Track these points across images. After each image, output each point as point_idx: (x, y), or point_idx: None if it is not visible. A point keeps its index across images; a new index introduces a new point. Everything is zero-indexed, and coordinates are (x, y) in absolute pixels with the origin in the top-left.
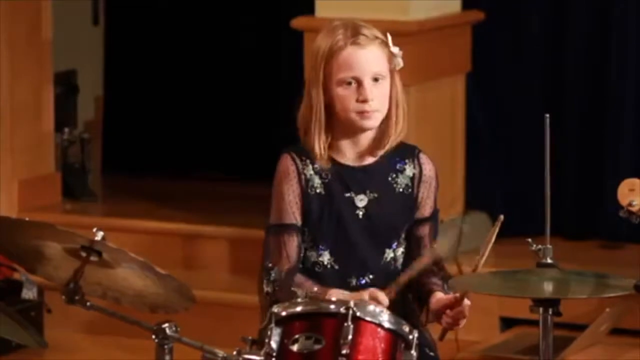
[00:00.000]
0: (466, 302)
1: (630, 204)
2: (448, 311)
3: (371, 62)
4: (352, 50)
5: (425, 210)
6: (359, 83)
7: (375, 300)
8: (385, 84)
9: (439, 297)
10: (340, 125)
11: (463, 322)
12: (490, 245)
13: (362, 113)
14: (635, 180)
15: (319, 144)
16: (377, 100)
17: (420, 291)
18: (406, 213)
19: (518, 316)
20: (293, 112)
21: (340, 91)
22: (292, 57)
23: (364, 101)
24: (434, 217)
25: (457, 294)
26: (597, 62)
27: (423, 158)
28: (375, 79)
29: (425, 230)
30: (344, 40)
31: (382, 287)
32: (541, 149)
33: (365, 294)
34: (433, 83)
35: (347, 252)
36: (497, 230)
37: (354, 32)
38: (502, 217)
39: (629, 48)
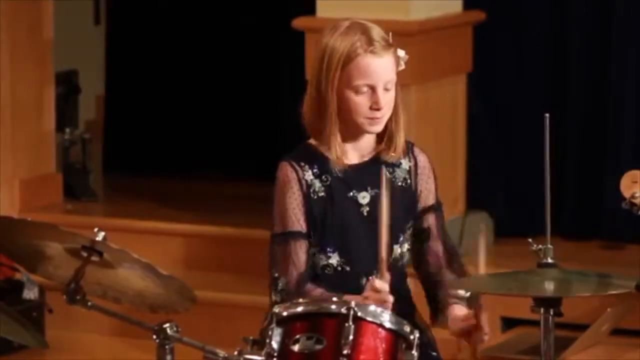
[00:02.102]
0: (484, 318)
1: (633, 196)
2: (470, 335)
3: (386, 71)
4: (370, 59)
5: (428, 199)
6: (373, 90)
7: (375, 289)
8: (393, 91)
9: (456, 315)
10: (345, 128)
11: (486, 337)
12: (482, 255)
13: (372, 119)
14: (638, 173)
15: (336, 147)
16: (387, 107)
17: (436, 302)
18: (408, 207)
19: (519, 316)
20: (294, 113)
21: (353, 96)
22: (292, 57)
23: (377, 109)
24: (438, 207)
25: (472, 313)
26: (597, 62)
27: (416, 150)
28: (387, 87)
29: (431, 219)
30: (361, 47)
31: (390, 285)
32: (542, 148)
33: (366, 292)
34: (434, 83)
35: (355, 252)
36: (483, 241)
37: (368, 38)
38: (482, 225)
39: (630, 47)
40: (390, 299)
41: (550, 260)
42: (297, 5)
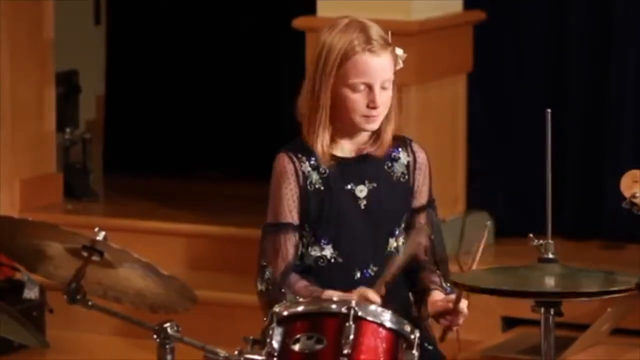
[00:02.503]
0: (463, 303)
1: (633, 196)
2: (447, 316)
3: (383, 69)
4: (368, 58)
5: (422, 197)
6: (370, 88)
7: (366, 299)
8: (390, 89)
9: (435, 299)
10: (341, 124)
11: (462, 321)
12: (480, 251)
13: (368, 117)
14: (638, 172)
15: (322, 144)
16: (384, 105)
17: (417, 288)
18: (404, 201)
19: (520, 316)
20: (294, 112)
21: (350, 94)
22: (293, 57)
23: (374, 107)
24: (430, 206)
25: (453, 297)
26: (598, 62)
27: (415, 146)
28: (384, 86)
29: (422, 219)
30: (359, 45)
31: (386, 287)
32: (542, 148)
33: (355, 295)
34: (434, 83)
35: (350, 244)
36: (485, 238)
37: (367, 36)
38: (489, 223)
39: (630, 47)
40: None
41: (551, 256)
42: (297, 5)
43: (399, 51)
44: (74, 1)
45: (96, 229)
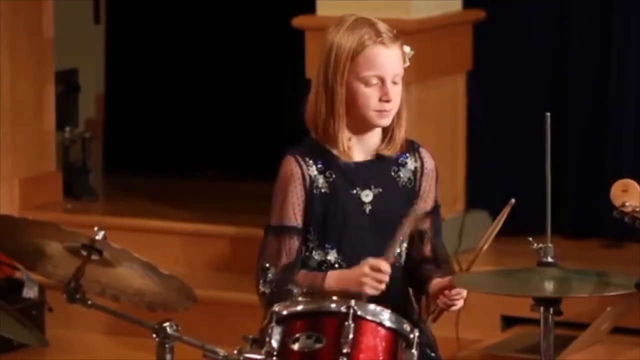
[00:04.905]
0: (464, 292)
1: (623, 205)
2: (446, 292)
3: (394, 62)
4: (379, 50)
5: (427, 204)
6: (382, 82)
7: (377, 269)
8: (400, 85)
9: (438, 280)
10: (352, 122)
11: (460, 304)
12: (497, 229)
13: (381, 112)
14: (628, 181)
15: (343, 141)
16: (395, 100)
17: (419, 280)
18: (409, 207)
19: (519, 315)
20: (294, 111)
21: (362, 88)
22: (292, 56)
23: (387, 101)
24: (435, 211)
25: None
26: (598, 61)
27: (423, 152)
28: (395, 80)
29: (427, 223)
30: (370, 38)
31: (387, 287)
32: (542, 147)
33: (365, 266)
34: (434, 82)
35: (354, 249)
36: (505, 214)
37: (376, 30)
38: (513, 200)
39: (630, 47)
40: (387, 280)
41: (550, 259)
42: (297, 4)
43: (407, 48)
44: (74, 0)
45: (95, 228)
